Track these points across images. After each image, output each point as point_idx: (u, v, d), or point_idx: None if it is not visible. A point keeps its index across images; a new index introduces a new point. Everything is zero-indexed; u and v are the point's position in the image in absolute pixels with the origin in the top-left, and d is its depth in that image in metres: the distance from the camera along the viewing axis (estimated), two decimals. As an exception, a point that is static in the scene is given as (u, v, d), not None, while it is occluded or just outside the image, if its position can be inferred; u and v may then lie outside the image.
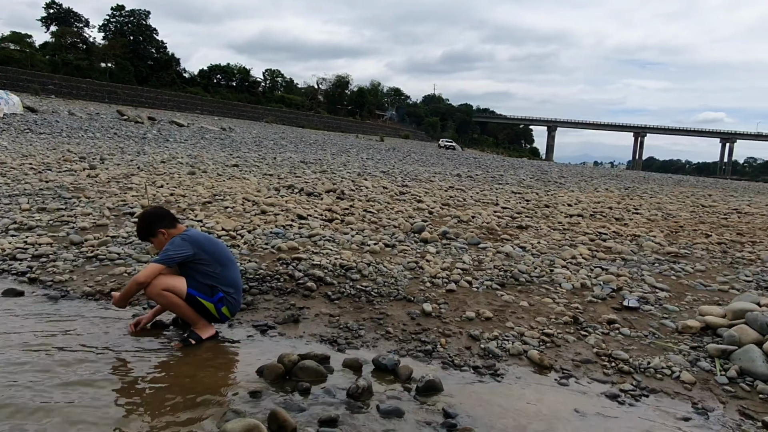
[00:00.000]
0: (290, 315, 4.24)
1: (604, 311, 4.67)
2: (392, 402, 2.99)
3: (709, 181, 45.17)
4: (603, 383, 3.47)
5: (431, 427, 2.79)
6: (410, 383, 3.25)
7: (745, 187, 34.77)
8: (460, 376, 3.45)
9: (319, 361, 3.34)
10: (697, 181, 40.80)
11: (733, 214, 12.25)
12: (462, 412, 2.95)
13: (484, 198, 11.99)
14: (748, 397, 3.38)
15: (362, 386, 3.01)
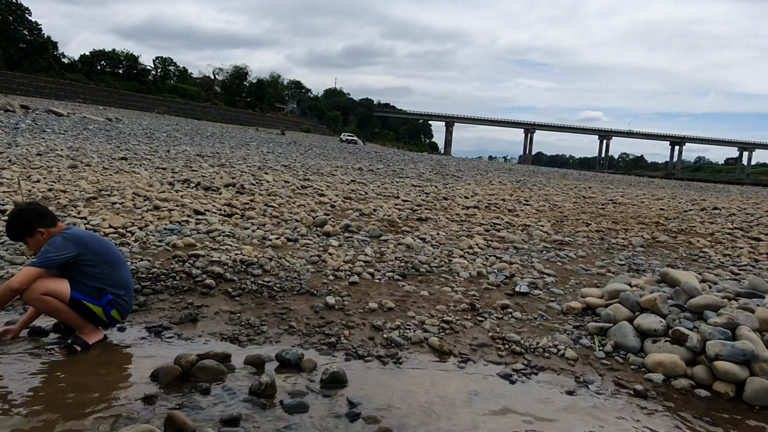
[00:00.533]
0: (188, 314, 4.07)
1: (499, 297, 4.95)
2: (297, 396, 2.97)
3: (590, 174, 49.15)
4: (498, 365, 3.68)
5: (336, 418, 2.81)
6: (315, 376, 3.25)
7: (620, 180, 38.25)
8: (364, 366, 3.50)
9: (220, 359, 3.24)
10: (580, 174, 44.23)
11: (609, 205, 13.45)
12: (366, 401, 3.00)
13: (385, 191, 12.20)
14: (622, 369, 3.74)
15: (265, 382, 2.96)
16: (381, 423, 2.81)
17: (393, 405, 3.01)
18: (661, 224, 10.27)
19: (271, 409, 2.84)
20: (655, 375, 3.64)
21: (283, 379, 3.19)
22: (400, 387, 3.26)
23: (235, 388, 3.00)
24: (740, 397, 3.42)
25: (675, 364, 3.67)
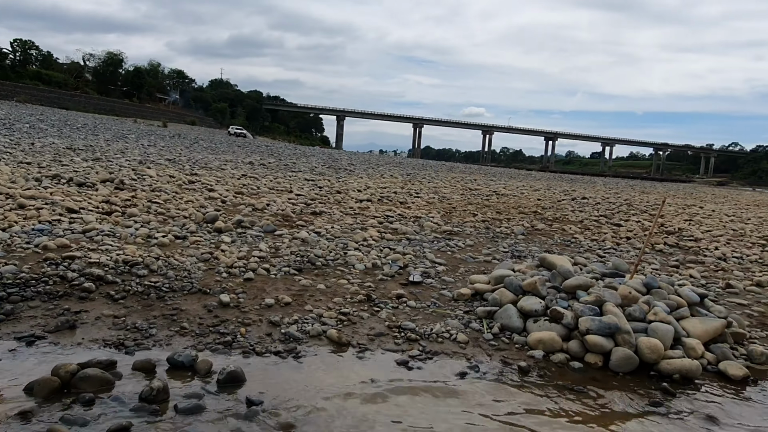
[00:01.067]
0: (64, 321, 3.75)
1: (394, 287, 5.08)
2: (192, 399, 2.86)
3: (475, 167, 51.68)
4: (395, 352, 3.79)
5: (235, 417, 2.75)
6: (211, 377, 3.15)
7: (502, 173, 40.68)
8: (262, 363, 3.45)
9: (104, 367, 3.03)
10: (465, 167, 46.30)
11: (493, 196, 14.30)
12: (266, 397, 2.97)
13: (278, 186, 12.00)
14: (508, 348, 4.02)
15: (157, 387, 2.82)
16: (282, 418, 2.80)
17: (294, 399, 3.01)
18: (539, 213, 11.12)
19: (165, 414, 2.72)
20: (537, 351, 3.96)
21: (177, 382, 3.06)
22: (300, 381, 3.25)
23: (123, 397, 2.82)
24: (607, 366, 3.82)
25: (553, 341, 4.02)
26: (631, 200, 17.68)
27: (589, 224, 10.13)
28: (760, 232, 11.01)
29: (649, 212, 13.43)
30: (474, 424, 2.96)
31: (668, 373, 3.76)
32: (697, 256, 7.74)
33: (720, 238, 9.65)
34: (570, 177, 46.64)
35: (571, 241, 8.17)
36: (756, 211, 18.87)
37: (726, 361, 3.99)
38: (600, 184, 33.08)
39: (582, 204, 14.18)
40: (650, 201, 18.16)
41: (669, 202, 18.47)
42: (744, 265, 7.41)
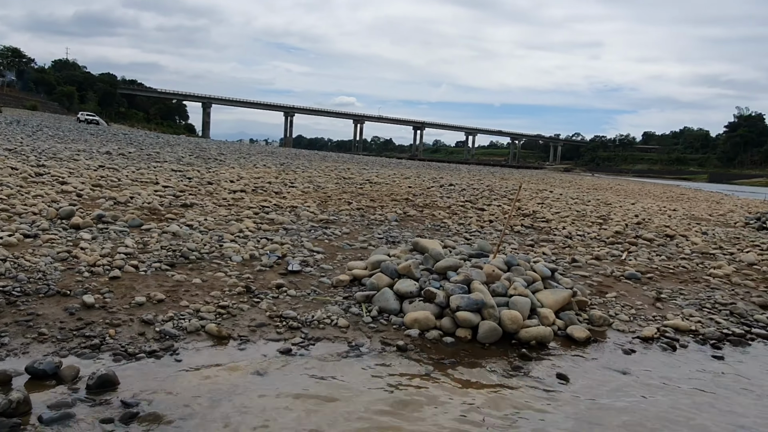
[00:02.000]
0: None
1: (273, 277, 5.07)
2: (60, 408, 2.67)
3: (347, 156, 52.25)
4: (277, 341, 3.81)
5: (109, 423, 2.62)
6: (79, 383, 2.94)
7: (373, 162, 41.60)
8: (136, 364, 3.29)
9: (-52, 384, 2.70)
10: (338, 156, 46.66)
11: (366, 184, 14.63)
12: (143, 399, 2.85)
13: (141, 177, 11.22)
14: (386, 329, 4.22)
15: (16, 399, 2.59)
16: (162, 419, 2.71)
17: (174, 398, 2.92)
18: (410, 200, 11.62)
19: (28, 427, 2.51)
20: (413, 331, 4.20)
21: (40, 392, 2.82)
22: (180, 379, 3.16)
23: (-25, 413, 2.55)
24: (476, 339, 4.18)
25: (427, 319, 4.29)
26: (492, 186, 19.09)
27: (456, 209, 10.81)
28: (598, 213, 12.53)
29: (508, 197, 14.64)
30: (355, 402, 3.10)
31: (526, 340, 4.21)
32: (548, 236, 8.63)
33: (566, 218, 10.84)
34: (437, 165, 49.01)
35: (441, 226, 8.68)
36: (594, 194, 21.36)
37: (572, 325, 4.54)
38: (465, 172, 35.20)
39: (449, 191, 15.05)
40: (509, 187, 19.76)
41: (524, 187, 20.23)
42: (585, 242, 8.41)
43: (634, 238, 9.07)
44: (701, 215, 15.19)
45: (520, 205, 12.25)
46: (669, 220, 12.42)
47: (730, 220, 14.09)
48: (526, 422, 3.05)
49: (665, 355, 4.28)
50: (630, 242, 8.63)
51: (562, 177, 45.99)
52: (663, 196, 26.14)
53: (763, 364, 4.27)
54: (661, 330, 4.72)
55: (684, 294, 5.89)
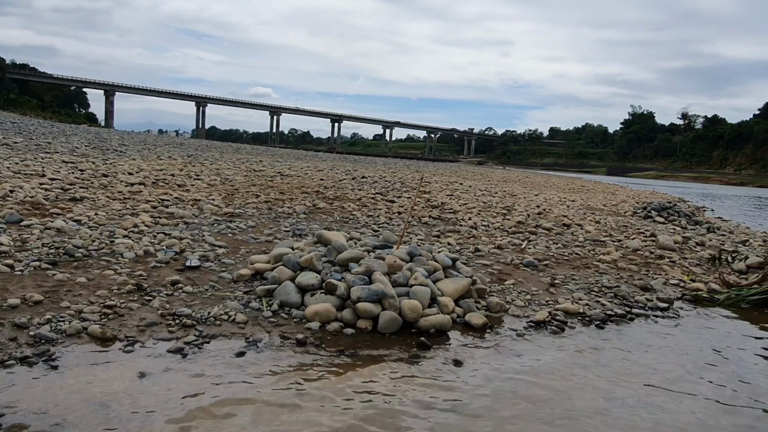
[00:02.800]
0: None
1: (169, 274, 4.83)
2: None
3: (262, 148, 51.10)
4: (168, 341, 3.64)
5: (-35, 438, 2.38)
6: (-71, 397, 2.65)
7: (289, 154, 40.94)
8: (4, 373, 3.01)
9: None
10: (253, 149, 45.51)
11: (277, 177, 14.35)
12: (10, 410, 2.62)
13: (26, 169, 10.31)
14: (287, 323, 4.15)
15: None
16: (28, 429, 2.50)
17: (44, 407, 2.71)
18: (321, 193, 11.53)
19: None
20: (313, 323, 4.16)
21: None
22: (55, 386, 2.93)
23: None
24: (376, 329, 4.21)
25: (328, 312, 4.27)
26: (404, 178, 19.38)
27: (366, 201, 10.85)
28: (503, 204, 13.08)
29: (418, 189, 14.90)
30: (247, 399, 3.02)
31: (426, 329, 4.30)
32: (455, 226, 8.88)
33: (473, 210, 11.21)
34: (354, 158, 49.08)
35: (350, 218, 8.68)
36: (503, 186, 22.29)
37: (471, 312, 4.69)
38: (380, 164, 35.51)
39: (361, 183, 15.10)
40: (421, 179, 20.13)
41: (436, 180, 20.74)
42: (489, 232, 8.74)
43: (535, 227, 9.55)
44: (596, 205, 16.28)
45: (429, 197, 12.53)
46: (567, 210, 13.20)
47: (620, 210, 15.22)
48: (420, 406, 3.11)
49: (554, 336, 4.53)
50: (530, 231, 9.07)
51: (474, 170, 47.61)
52: (565, 188, 27.75)
53: (637, 340, 4.63)
54: (553, 314, 4.98)
55: (575, 279, 6.26)
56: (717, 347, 4.63)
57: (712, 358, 4.36)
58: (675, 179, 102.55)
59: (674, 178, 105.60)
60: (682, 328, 5.13)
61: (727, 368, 4.18)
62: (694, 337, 4.90)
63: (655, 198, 21.27)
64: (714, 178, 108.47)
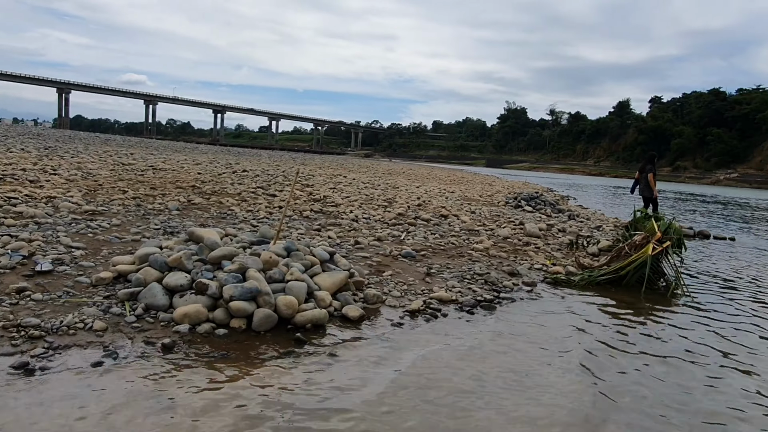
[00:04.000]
0: None
1: (14, 280, 4.34)
2: None
3: (136, 140, 47.71)
4: (11, 356, 3.27)
5: None
6: None
7: (166, 146, 38.61)
8: None
9: None
10: (124, 140, 42.40)
11: (149, 171, 13.43)
12: None
13: None
14: (153, 328, 3.91)
15: None
16: None
17: None
18: (197, 187, 10.99)
19: None
20: (182, 326, 3.96)
21: None
22: None
23: None
24: (251, 328, 4.10)
25: (198, 312, 4.08)
26: (288, 172, 19.08)
27: (246, 196, 10.52)
28: (385, 196, 13.34)
29: (301, 182, 14.75)
30: (103, 415, 2.80)
31: (302, 324, 4.26)
32: (336, 220, 8.90)
33: (355, 202, 11.31)
34: (238, 150, 47.51)
35: (228, 213, 8.37)
36: (387, 179, 22.75)
37: (348, 305, 4.73)
38: (266, 157, 34.67)
39: (242, 177, 14.62)
40: (306, 172, 19.96)
41: (321, 172, 20.66)
42: (370, 224, 8.87)
43: (414, 219, 9.85)
44: (473, 196, 17.17)
45: (311, 191, 12.45)
46: (446, 202, 13.78)
47: (494, 201, 16.19)
48: (292, 402, 3.07)
49: (428, 324, 4.70)
50: (410, 223, 9.35)
51: (361, 162, 48.11)
52: (447, 179, 28.97)
53: (503, 322, 4.96)
54: (427, 302, 5.17)
55: (450, 268, 6.55)
56: (570, 324, 5.10)
57: (567, 332, 4.78)
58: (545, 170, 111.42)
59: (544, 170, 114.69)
60: (542, 307, 5.58)
61: (577, 341, 4.60)
62: (551, 315, 5.34)
63: (526, 188, 22.89)
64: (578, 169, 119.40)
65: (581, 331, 4.93)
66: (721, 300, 6.57)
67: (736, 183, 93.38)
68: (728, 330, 5.31)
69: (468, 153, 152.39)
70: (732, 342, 4.96)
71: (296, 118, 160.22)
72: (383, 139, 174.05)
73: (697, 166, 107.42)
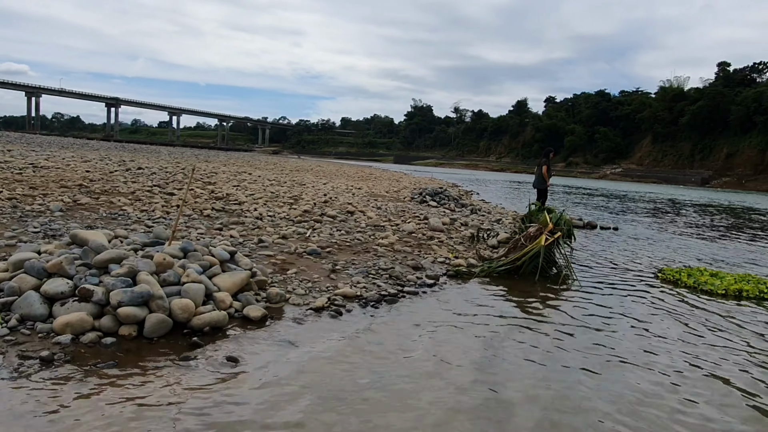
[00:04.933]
0: None
1: None
2: None
3: (15, 135, 43.53)
4: None
5: None
6: None
7: (51, 142, 35.57)
8: None
9: None
10: (1, 135, 38.48)
11: (29, 169, 12.26)
12: None
13: None
14: (29, 340, 3.57)
15: None
16: None
17: None
18: (85, 186, 10.19)
19: None
20: (63, 337, 3.65)
21: None
22: None
23: None
24: (142, 334, 3.86)
25: (82, 321, 3.78)
26: (189, 169, 18.24)
27: (141, 195, 9.91)
28: (291, 194, 13.13)
29: (203, 180, 14.16)
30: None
31: (200, 327, 4.08)
32: (239, 218, 8.63)
33: (260, 200, 11.03)
34: (135, 147, 44.81)
35: (119, 214, 7.83)
36: (294, 176, 22.42)
37: (249, 306, 4.60)
38: (165, 154, 32.93)
39: (137, 174, 13.77)
40: (208, 169, 19.19)
41: (225, 170, 19.94)
42: (275, 222, 8.69)
43: (320, 216, 9.78)
44: (380, 192, 17.36)
45: (213, 189, 11.98)
46: (352, 198, 13.81)
47: (401, 196, 16.47)
48: (187, 410, 2.93)
49: (332, 321, 4.68)
50: (315, 220, 9.26)
51: (268, 159, 47.06)
52: (355, 176, 29.06)
53: (406, 315, 5.04)
54: (332, 299, 5.15)
55: (355, 264, 6.56)
56: (469, 312, 5.29)
57: (466, 321, 4.96)
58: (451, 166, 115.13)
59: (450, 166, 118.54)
60: (444, 299, 5.74)
61: (475, 330, 4.78)
62: (453, 306, 5.51)
63: (432, 184, 23.51)
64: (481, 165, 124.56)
65: (480, 317, 5.13)
66: (603, 283, 7.12)
67: (620, 177, 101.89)
68: (608, 309, 5.76)
69: (377, 150, 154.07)
70: (610, 319, 5.38)
71: (199, 113, 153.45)
72: (291, 135, 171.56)
73: (587, 162, 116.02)
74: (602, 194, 37.27)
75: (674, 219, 19.59)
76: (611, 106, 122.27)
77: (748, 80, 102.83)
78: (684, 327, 5.42)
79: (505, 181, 53.90)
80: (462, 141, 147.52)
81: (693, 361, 4.46)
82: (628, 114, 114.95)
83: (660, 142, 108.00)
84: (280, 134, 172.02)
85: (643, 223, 16.70)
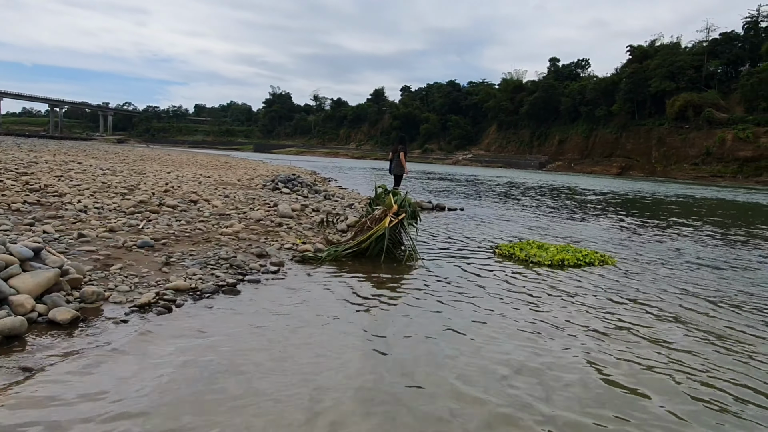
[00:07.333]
0: None
1: None
2: None
3: None
4: None
5: None
6: None
7: None
8: None
9: None
10: None
11: None
12: None
13: None
14: None
15: None
16: None
17: None
18: None
19: None
20: None
21: None
22: None
23: None
24: None
25: None
26: (5, 160, 15.96)
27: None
28: (127, 183, 12.04)
29: (16, 171, 12.42)
30: None
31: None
32: (57, 211, 7.66)
33: (86, 191, 9.94)
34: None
35: None
36: (136, 165, 20.67)
37: (57, 308, 4.05)
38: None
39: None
40: (30, 159, 16.94)
41: (46, 159, 17.74)
42: (103, 214, 7.86)
43: (158, 206, 9.05)
44: (231, 180, 16.62)
45: (28, 179, 10.54)
46: (198, 187, 13.04)
47: (253, 184, 15.92)
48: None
49: (160, 318, 4.30)
50: (152, 210, 8.55)
51: (109, 148, 42.95)
52: (209, 165, 27.62)
53: (245, 304, 4.81)
54: (161, 294, 4.74)
55: (193, 255, 6.15)
56: (311, 297, 5.20)
57: (308, 306, 4.86)
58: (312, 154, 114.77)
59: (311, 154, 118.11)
60: (287, 285, 5.59)
61: (318, 312, 4.70)
62: (295, 291, 5.38)
63: (289, 171, 23.09)
64: (342, 152, 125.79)
65: (322, 301, 5.06)
66: (445, 259, 7.47)
67: (471, 162, 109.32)
68: (446, 282, 6.04)
69: (235, 138, 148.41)
70: (448, 292, 5.63)
71: (25, 97, 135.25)
72: (139, 123, 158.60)
73: (441, 149, 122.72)
74: (453, 179, 39.58)
75: (514, 199, 21.39)
76: (461, 96, 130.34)
77: (574, 75, 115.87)
78: (513, 294, 5.85)
79: (365, 168, 54.99)
80: (322, 129, 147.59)
81: (518, 322, 4.80)
82: (476, 103, 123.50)
83: (504, 129, 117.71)
84: (126, 122, 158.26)
85: (486, 204, 17.98)
